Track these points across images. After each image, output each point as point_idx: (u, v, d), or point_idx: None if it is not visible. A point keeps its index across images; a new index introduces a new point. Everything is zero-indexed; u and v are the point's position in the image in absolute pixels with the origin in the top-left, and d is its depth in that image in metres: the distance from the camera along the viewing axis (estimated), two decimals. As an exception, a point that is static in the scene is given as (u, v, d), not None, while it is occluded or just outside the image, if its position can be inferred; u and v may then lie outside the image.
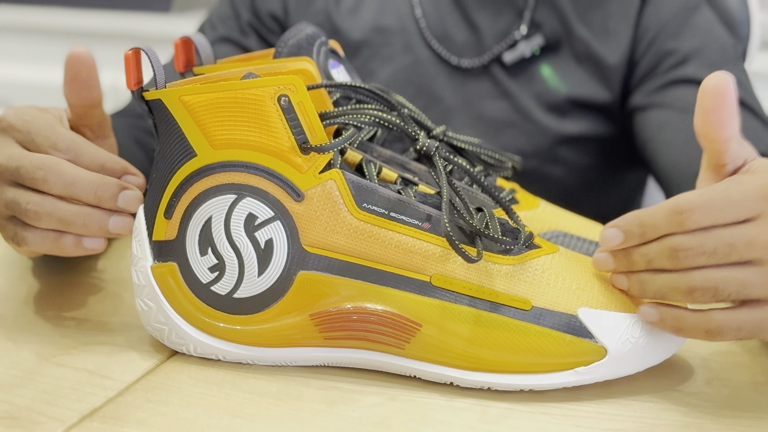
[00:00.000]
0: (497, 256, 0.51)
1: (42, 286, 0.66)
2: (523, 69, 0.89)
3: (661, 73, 0.85)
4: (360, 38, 0.92)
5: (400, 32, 0.92)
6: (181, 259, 0.53)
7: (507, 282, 0.51)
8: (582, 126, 0.88)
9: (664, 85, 0.85)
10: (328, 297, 0.51)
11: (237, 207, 0.51)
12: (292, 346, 0.53)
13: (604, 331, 0.50)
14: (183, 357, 0.55)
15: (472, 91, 0.90)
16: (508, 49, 0.89)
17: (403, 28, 0.92)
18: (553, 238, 0.62)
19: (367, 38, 0.92)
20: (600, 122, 0.89)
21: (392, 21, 0.92)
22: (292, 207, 0.51)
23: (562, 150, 0.88)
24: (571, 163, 0.89)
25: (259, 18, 0.94)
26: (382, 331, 0.51)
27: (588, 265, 0.53)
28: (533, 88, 0.89)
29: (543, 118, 0.88)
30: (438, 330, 0.50)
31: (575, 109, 0.88)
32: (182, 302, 0.53)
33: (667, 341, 0.51)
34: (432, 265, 0.51)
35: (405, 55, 0.91)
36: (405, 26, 0.92)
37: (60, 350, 0.55)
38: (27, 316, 0.61)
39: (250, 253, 0.51)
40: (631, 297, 0.51)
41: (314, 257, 0.51)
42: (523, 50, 0.88)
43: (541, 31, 0.88)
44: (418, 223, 0.51)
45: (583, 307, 0.50)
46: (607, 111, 0.89)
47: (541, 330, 0.50)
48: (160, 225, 0.53)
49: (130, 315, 0.61)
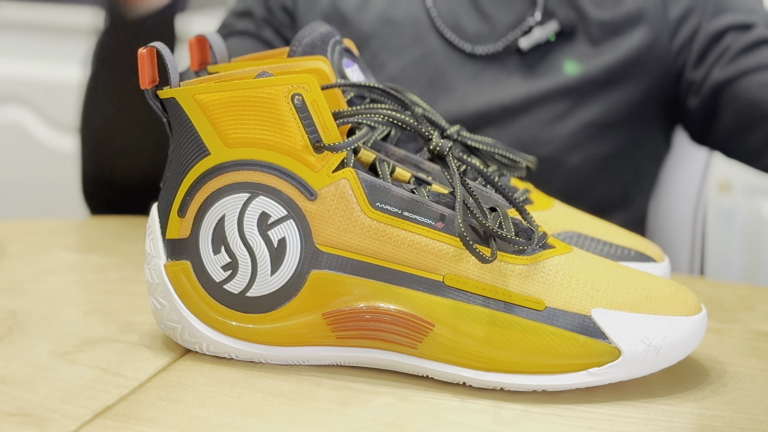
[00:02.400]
0: (511, 256, 0.51)
1: (56, 283, 0.67)
2: (540, 55, 0.89)
3: (728, 46, 0.86)
4: (369, 30, 0.91)
5: (410, 24, 0.91)
6: (194, 258, 0.53)
7: (520, 282, 0.50)
8: (600, 111, 0.88)
9: (740, 53, 0.86)
10: (341, 296, 0.51)
11: (250, 206, 0.51)
12: (305, 345, 0.53)
13: (618, 332, 0.50)
14: (196, 355, 0.55)
15: (486, 78, 0.89)
16: (523, 35, 0.88)
17: (413, 20, 0.91)
18: (567, 238, 0.61)
19: (377, 30, 0.91)
20: (619, 107, 0.88)
21: (402, 12, 0.92)
22: (305, 206, 0.51)
23: (580, 136, 0.88)
24: (589, 150, 0.89)
25: (272, 12, 0.95)
26: (395, 331, 0.51)
27: (602, 265, 0.53)
28: (550, 74, 0.88)
29: (560, 104, 0.88)
30: (451, 330, 0.50)
31: (593, 95, 0.88)
32: (195, 301, 0.53)
33: (681, 343, 0.51)
34: (445, 264, 0.51)
35: (416, 47, 0.90)
36: (416, 17, 0.92)
37: (73, 348, 0.55)
38: (41, 313, 0.61)
39: (263, 252, 0.51)
40: (645, 296, 0.51)
41: (327, 256, 0.51)
42: (539, 36, 0.88)
43: (556, 16, 0.88)
44: (432, 223, 0.51)
45: (596, 307, 0.50)
46: (626, 95, 0.88)
47: (555, 330, 0.50)
48: (174, 223, 0.53)
49: (143, 313, 0.61)
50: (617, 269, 0.53)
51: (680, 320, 0.51)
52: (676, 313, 0.51)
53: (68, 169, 1.74)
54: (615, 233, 0.63)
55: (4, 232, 0.79)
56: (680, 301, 0.52)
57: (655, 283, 0.52)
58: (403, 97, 0.57)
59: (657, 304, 0.51)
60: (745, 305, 0.67)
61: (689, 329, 0.51)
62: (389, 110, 0.54)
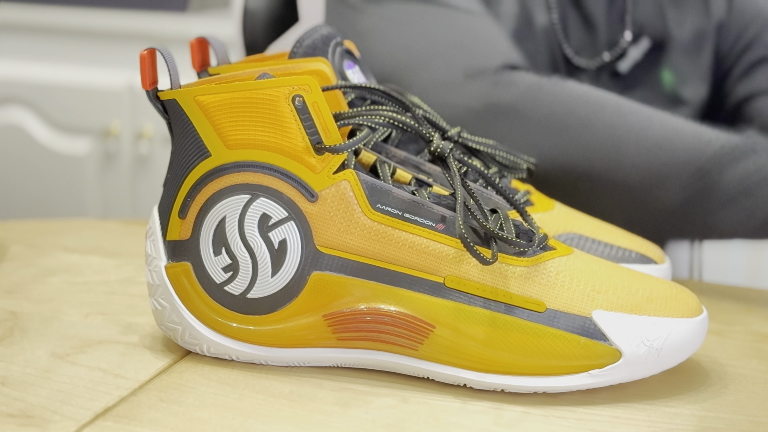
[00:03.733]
0: (511, 258, 0.51)
1: (56, 285, 0.67)
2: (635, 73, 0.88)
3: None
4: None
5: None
6: (195, 259, 0.53)
7: (521, 284, 0.51)
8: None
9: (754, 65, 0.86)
10: (342, 298, 0.51)
11: (251, 207, 0.51)
12: (306, 347, 0.53)
13: (619, 334, 0.50)
14: (196, 357, 0.55)
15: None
16: (619, 59, 0.87)
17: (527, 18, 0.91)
18: (568, 240, 0.61)
19: None
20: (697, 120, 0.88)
21: None
22: (306, 207, 0.51)
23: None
24: None
25: None
26: (396, 332, 0.51)
27: (603, 267, 0.53)
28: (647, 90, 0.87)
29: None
30: (452, 331, 0.50)
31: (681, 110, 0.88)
32: (196, 302, 0.53)
33: (682, 344, 0.51)
34: (446, 266, 0.51)
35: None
36: None
37: (74, 349, 0.56)
38: (42, 314, 0.61)
39: (263, 254, 0.52)
40: (646, 298, 0.51)
41: (328, 258, 0.51)
42: (635, 55, 0.86)
43: (645, 32, 0.87)
44: (432, 225, 0.51)
45: (597, 309, 0.50)
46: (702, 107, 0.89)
47: (556, 332, 0.50)
48: (175, 225, 0.53)
49: (144, 314, 0.61)
50: (618, 271, 0.53)
51: (681, 322, 0.51)
52: (677, 315, 0.51)
53: (68, 170, 1.75)
54: (616, 235, 0.63)
55: (6, 233, 0.79)
56: (681, 303, 0.52)
57: (656, 285, 0.52)
58: (404, 98, 0.57)
59: (658, 305, 0.51)
60: (746, 307, 0.67)
61: (690, 331, 0.51)
62: (390, 112, 0.54)
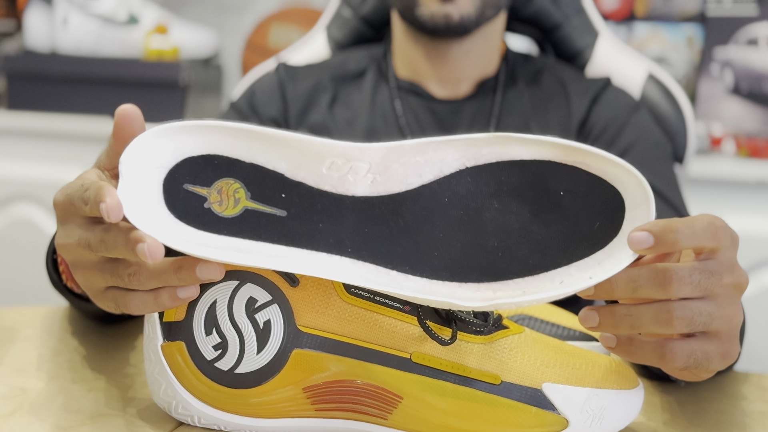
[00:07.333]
0: (470, 336, 0.57)
1: (63, 363, 0.71)
2: None
3: None
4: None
5: (385, 134, 0.98)
6: (188, 338, 0.57)
7: (479, 359, 0.56)
8: None
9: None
10: (319, 372, 0.56)
11: (239, 292, 0.56)
12: (287, 417, 0.57)
13: (566, 404, 0.55)
14: (188, 428, 0.59)
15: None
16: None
17: (388, 129, 0.99)
18: (520, 320, 0.67)
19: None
20: None
21: (380, 122, 0.99)
22: (288, 292, 0.56)
23: None
24: None
25: (262, 123, 1.02)
26: (368, 403, 0.56)
27: (550, 344, 0.58)
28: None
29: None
30: (418, 402, 0.56)
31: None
32: (189, 377, 0.57)
33: (621, 413, 0.56)
34: (412, 344, 0.56)
35: None
36: (390, 126, 0.99)
37: (77, 422, 0.59)
38: (49, 390, 0.65)
39: (250, 333, 0.56)
40: (589, 372, 0.57)
41: (307, 336, 0.56)
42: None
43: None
44: (400, 306, 0.57)
45: (547, 381, 0.56)
46: None
47: (510, 402, 0.55)
48: (171, 307, 0.58)
49: (141, 389, 0.65)
50: (564, 347, 0.59)
51: (620, 393, 0.56)
52: (616, 387, 0.57)
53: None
54: (561, 316, 0.70)
55: (18, 317, 0.82)
56: (620, 376, 0.57)
57: (598, 360, 0.58)
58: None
59: (599, 378, 0.56)
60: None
61: (628, 401, 0.57)
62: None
